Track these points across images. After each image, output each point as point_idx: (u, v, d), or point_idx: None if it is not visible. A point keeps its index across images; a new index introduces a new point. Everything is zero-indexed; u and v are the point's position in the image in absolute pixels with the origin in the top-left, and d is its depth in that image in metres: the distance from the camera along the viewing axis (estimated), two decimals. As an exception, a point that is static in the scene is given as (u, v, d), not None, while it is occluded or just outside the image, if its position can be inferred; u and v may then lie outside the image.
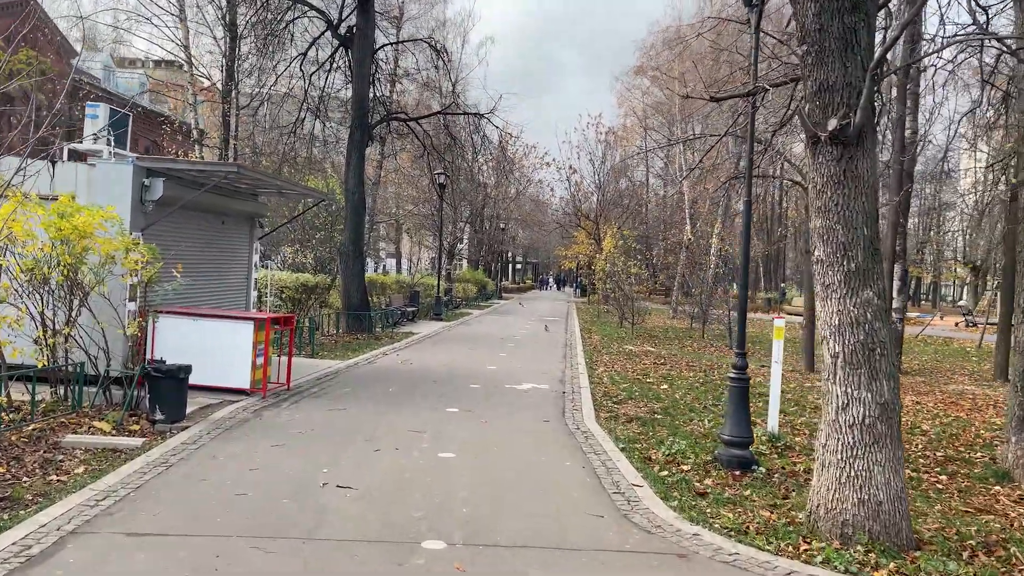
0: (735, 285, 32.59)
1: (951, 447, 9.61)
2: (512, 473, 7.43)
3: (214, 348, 10.56)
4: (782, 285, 59.35)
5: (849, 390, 5.72)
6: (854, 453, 5.71)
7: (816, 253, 5.87)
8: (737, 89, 8.32)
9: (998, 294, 44.75)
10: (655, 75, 44.08)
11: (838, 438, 5.79)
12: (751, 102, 7.62)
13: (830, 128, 5.58)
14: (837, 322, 5.75)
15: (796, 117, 12.63)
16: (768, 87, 7.09)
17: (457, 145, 28.52)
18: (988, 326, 29.45)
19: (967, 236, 61.27)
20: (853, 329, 5.69)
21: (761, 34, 8.46)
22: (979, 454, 9.22)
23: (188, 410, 9.29)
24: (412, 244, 64.72)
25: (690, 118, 40.27)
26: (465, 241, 55.33)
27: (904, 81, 14.79)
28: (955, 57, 10.67)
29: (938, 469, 8.37)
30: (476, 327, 26.90)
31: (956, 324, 41.99)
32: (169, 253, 10.60)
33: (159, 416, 8.77)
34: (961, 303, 60.87)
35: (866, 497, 5.64)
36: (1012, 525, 6.31)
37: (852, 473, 5.70)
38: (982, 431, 10.77)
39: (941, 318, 44.11)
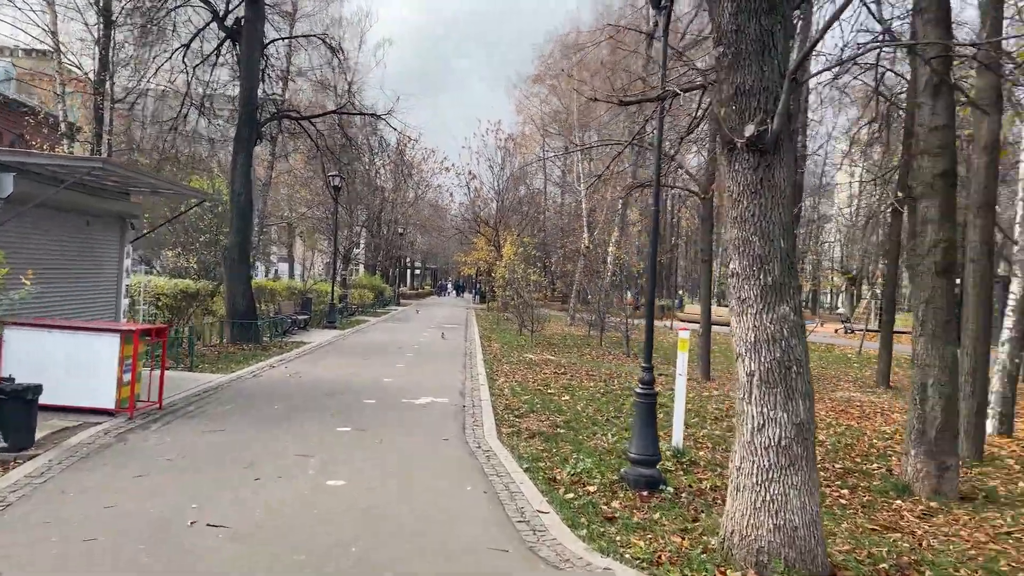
0: (629, 293, 32.98)
1: (848, 458, 9.66)
2: (409, 502, 6.83)
3: (74, 364, 9.46)
4: (680, 293, 60.95)
5: (765, 410, 5.44)
6: (769, 476, 5.43)
7: (732, 265, 5.58)
8: (642, 96, 8.04)
9: (874, 303, 47.19)
10: (553, 84, 44.33)
11: (753, 460, 5.50)
12: (660, 107, 7.35)
13: (747, 134, 5.30)
14: (753, 339, 5.47)
15: (700, 126, 12.65)
16: (679, 91, 6.82)
17: (353, 146, 27.58)
18: (867, 333, 30.92)
19: (844, 247, 64.95)
20: (769, 346, 5.42)
21: (659, 43, 8.24)
22: (875, 465, 9.28)
23: (39, 435, 8.21)
24: (306, 249, 62.68)
25: (587, 127, 40.62)
26: (362, 246, 54.02)
27: (798, 93, 15.09)
28: (847, 70, 10.86)
29: (839, 483, 8.32)
30: (372, 335, 25.98)
31: (836, 331, 44.05)
32: (19, 257, 9.44)
33: (1, 444, 7.67)
34: (840, 311, 64.27)
35: (782, 522, 5.38)
36: (921, 544, 6.21)
37: (768, 497, 5.42)
38: (875, 440, 10.94)
39: (821, 325, 46.15)
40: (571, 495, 7.25)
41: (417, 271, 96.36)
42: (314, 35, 25.60)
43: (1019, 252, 12.33)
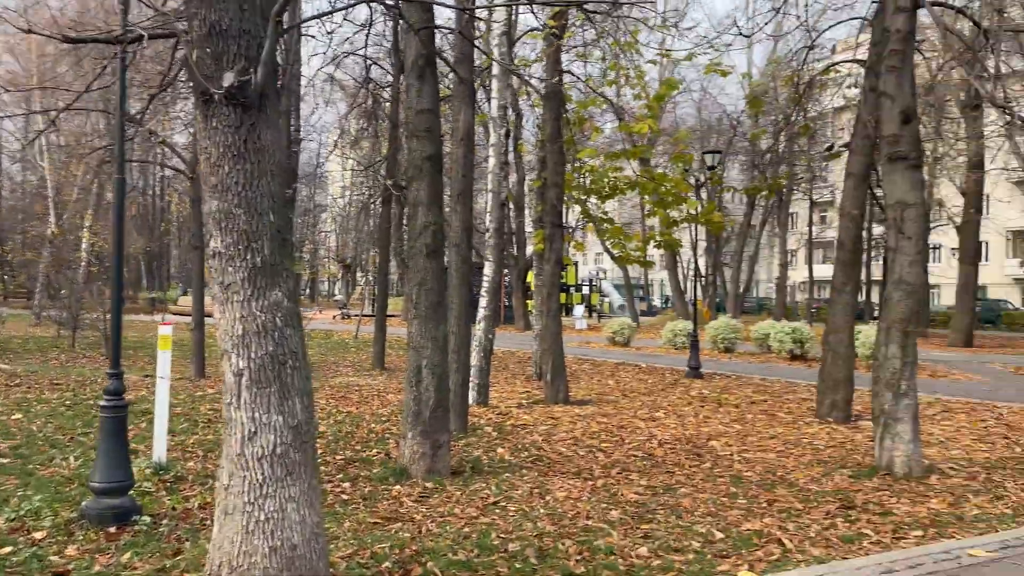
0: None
1: (349, 447, 9.42)
2: None
3: None
4: (181, 284, 56.46)
5: (257, 415, 4.60)
6: (264, 492, 4.61)
7: (213, 244, 4.58)
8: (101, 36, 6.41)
9: (368, 289, 50.13)
10: (7, 40, 36.82)
11: (244, 475, 4.62)
12: (122, 51, 5.92)
13: (226, 84, 4.36)
14: (241, 331, 4.57)
15: (176, 85, 11.14)
16: (144, 33, 5.53)
17: None
18: (363, 318, 32.38)
19: (339, 236, 68.04)
20: (260, 339, 4.58)
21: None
22: (375, 451, 9.20)
23: None
24: None
25: (54, 95, 34.66)
26: None
27: (288, 69, 14.57)
28: (341, 62, 10.74)
29: (341, 476, 7.95)
30: None
31: (334, 317, 45.59)
32: None
33: None
34: (337, 297, 67.08)
35: (279, 543, 4.61)
36: (421, 531, 6.07)
37: (262, 517, 4.59)
38: (374, 425, 10.97)
39: (321, 312, 47.36)
40: (8, 549, 5.47)
41: None
42: None
43: (489, 239, 13.70)
